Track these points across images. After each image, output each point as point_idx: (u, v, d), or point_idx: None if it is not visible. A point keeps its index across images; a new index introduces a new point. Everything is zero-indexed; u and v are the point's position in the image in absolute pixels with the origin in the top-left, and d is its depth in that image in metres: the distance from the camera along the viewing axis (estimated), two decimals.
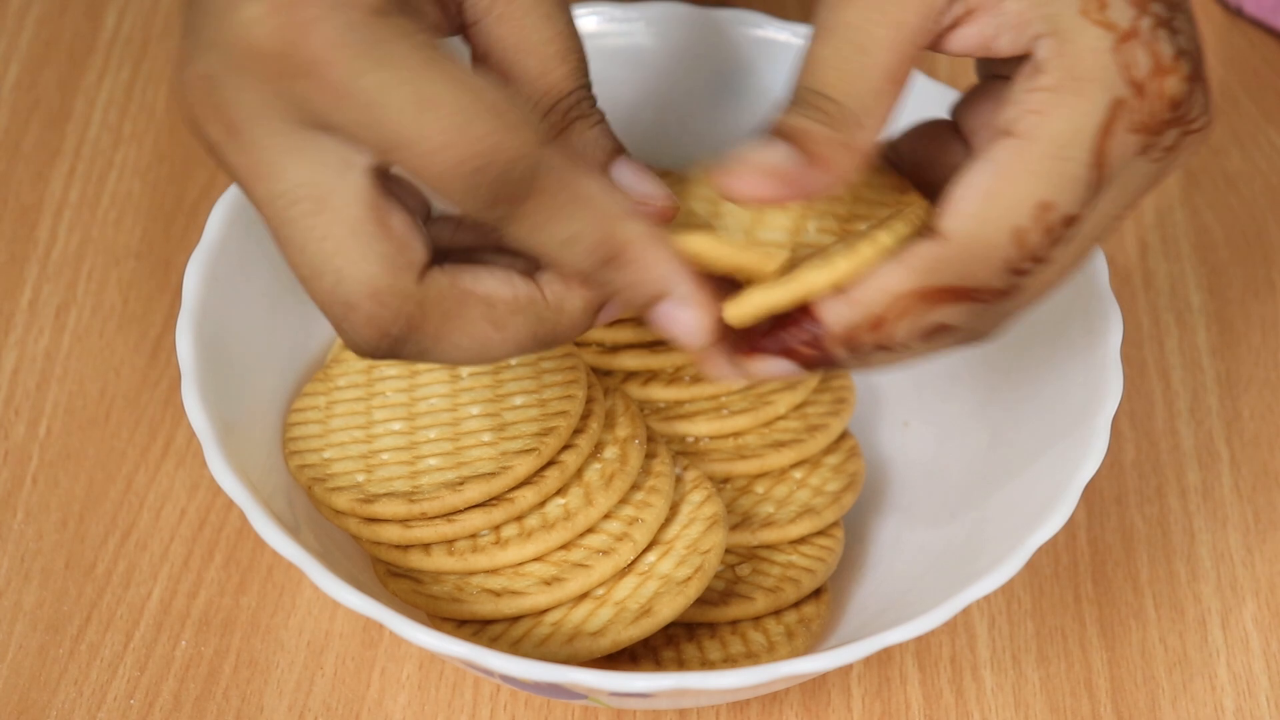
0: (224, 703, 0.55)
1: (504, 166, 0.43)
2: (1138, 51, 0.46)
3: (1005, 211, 0.45)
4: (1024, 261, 0.46)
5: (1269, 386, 0.64)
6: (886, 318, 0.46)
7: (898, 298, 0.46)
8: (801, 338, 0.47)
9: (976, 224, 0.46)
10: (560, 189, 0.44)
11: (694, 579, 0.53)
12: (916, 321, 0.46)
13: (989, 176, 0.46)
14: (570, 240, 0.45)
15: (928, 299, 0.46)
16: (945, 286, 0.46)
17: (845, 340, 0.47)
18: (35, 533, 0.59)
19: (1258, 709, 0.56)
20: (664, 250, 0.46)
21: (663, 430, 0.57)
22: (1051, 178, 0.45)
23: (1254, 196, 0.69)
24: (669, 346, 0.58)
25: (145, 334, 0.64)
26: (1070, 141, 0.45)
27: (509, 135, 0.43)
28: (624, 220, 0.45)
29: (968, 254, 0.46)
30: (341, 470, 0.54)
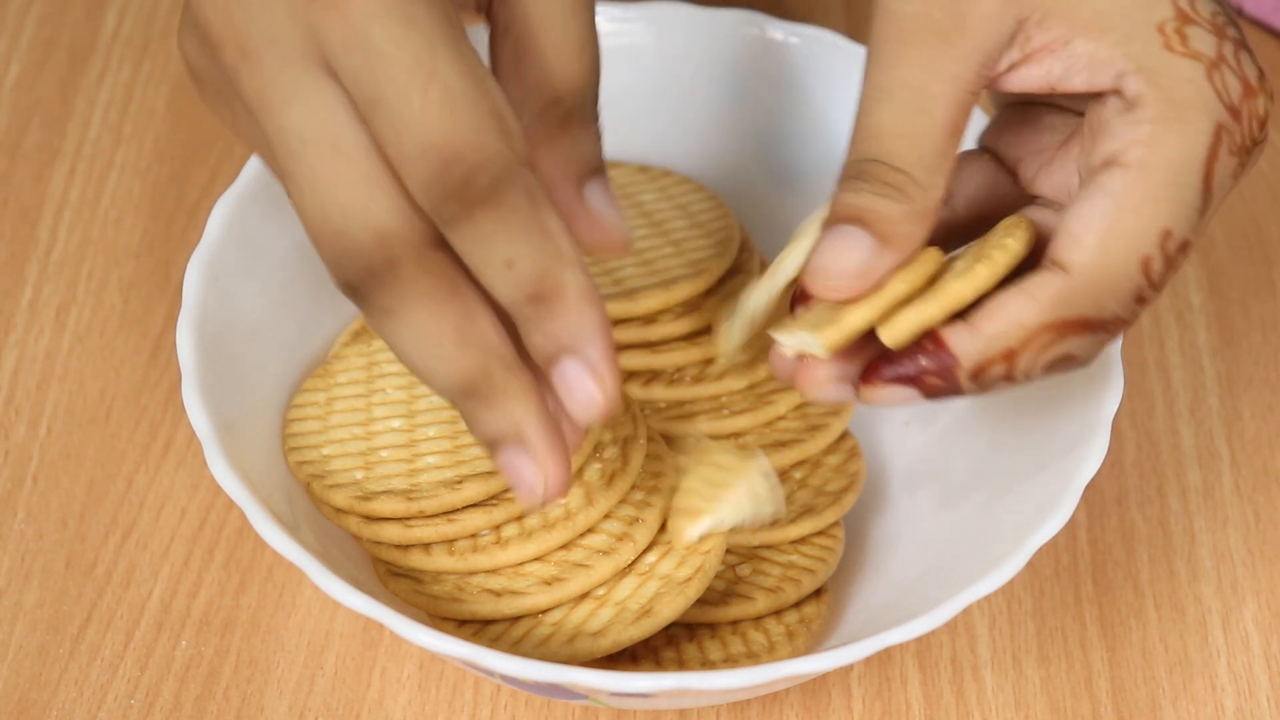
0: (224, 703, 0.55)
1: (478, 165, 0.43)
2: (1228, 76, 0.46)
3: (1132, 242, 0.46)
4: (1149, 290, 0.46)
5: (1269, 386, 0.64)
6: (1017, 350, 0.46)
7: (1028, 330, 0.46)
8: (930, 368, 0.47)
9: (1104, 256, 0.46)
10: (522, 210, 0.43)
11: (694, 579, 0.53)
12: (1045, 353, 0.47)
13: (1108, 208, 0.46)
14: (511, 263, 0.44)
15: (1058, 331, 0.46)
16: (1076, 319, 0.46)
17: (974, 372, 0.47)
18: (35, 532, 0.59)
19: (1258, 709, 0.56)
20: (595, 311, 0.44)
21: (664, 430, 0.57)
22: (1171, 205, 0.46)
23: (1254, 196, 0.69)
24: (669, 347, 0.58)
25: (145, 334, 0.64)
26: (1183, 168, 0.46)
27: (495, 139, 0.43)
28: (571, 266, 0.44)
29: (1097, 286, 0.46)
30: (340, 467, 0.54)
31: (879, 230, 0.46)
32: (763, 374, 0.58)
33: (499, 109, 0.43)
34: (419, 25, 0.43)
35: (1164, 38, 0.46)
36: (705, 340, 0.58)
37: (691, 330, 0.58)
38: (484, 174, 0.43)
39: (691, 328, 0.58)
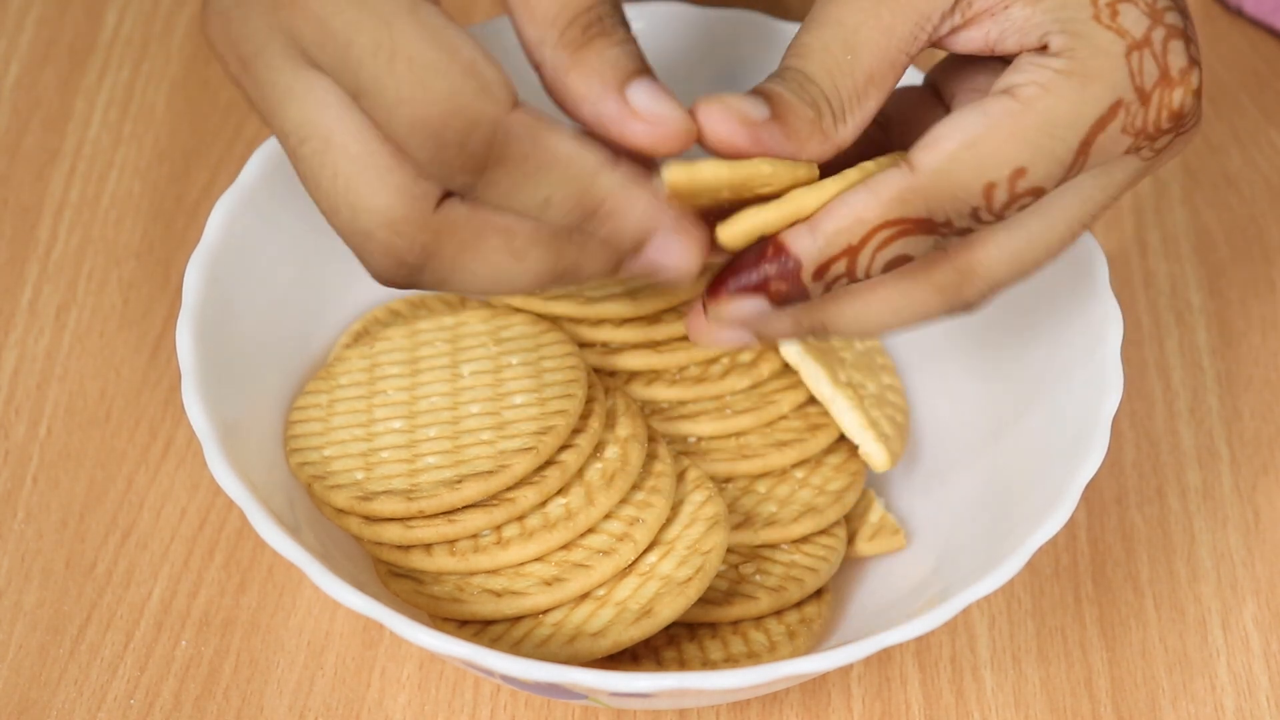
0: (224, 703, 0.55)
1: (466, 129, 0.43)
2: (1147, 61, 0.47)
3: (982, 163, 0.46)
4: (987, 212, 0.47)
5: (1269, 386, 0.64)
6: (856, 247, 0.47)
7: (869, 225, 0.47)
8: (772, 272, 0.47)
9: (951, 164, 0.46)
10: (528, 154, 0.44)
11: (695, 580, 0.53)
12: (883, 251, 0.47)
13: (977, 127, 0.47)
14: (546, 203, 0.45)
15: (896, 228, 0.47)
16: (913, 218, 0.47)
17: (817, 271, 0.47)
18: (35, 533, 0.59)
19: (1258, 709, 0.56)
20: (643, 193, 0.46)
21: (665, 430, 0.57)
22: (1034, 148, 0.46)
23: (1254, 196, 0.69)
24: (672, 346, 0.58)
25: (145, 334, 0.64)
26: (1064, 123, 0.47)
27: (474, 98, 0.43)
28: (598, 174, 0.45)
29: (937, 189, 0.47)
30: (341, 468, 0.54)
31: (780, 113, 0.47)
32: (766, 373, 0.58)
33: (471, 63, 0.43)
34: (372, 5, 0.43)
35: (1095, 8, 0.47)
36: (689, 346, 0.58)
37: None
38: (477, 136, 0.43)
39: None
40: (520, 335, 0.57)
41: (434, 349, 0.57)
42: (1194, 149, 0.71)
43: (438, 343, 0.58)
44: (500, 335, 0.58)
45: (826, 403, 0.57)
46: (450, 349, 0.57)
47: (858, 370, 0.59)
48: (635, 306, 0.58)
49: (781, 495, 0.57)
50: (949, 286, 0.49)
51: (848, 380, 0.58)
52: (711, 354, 0.58)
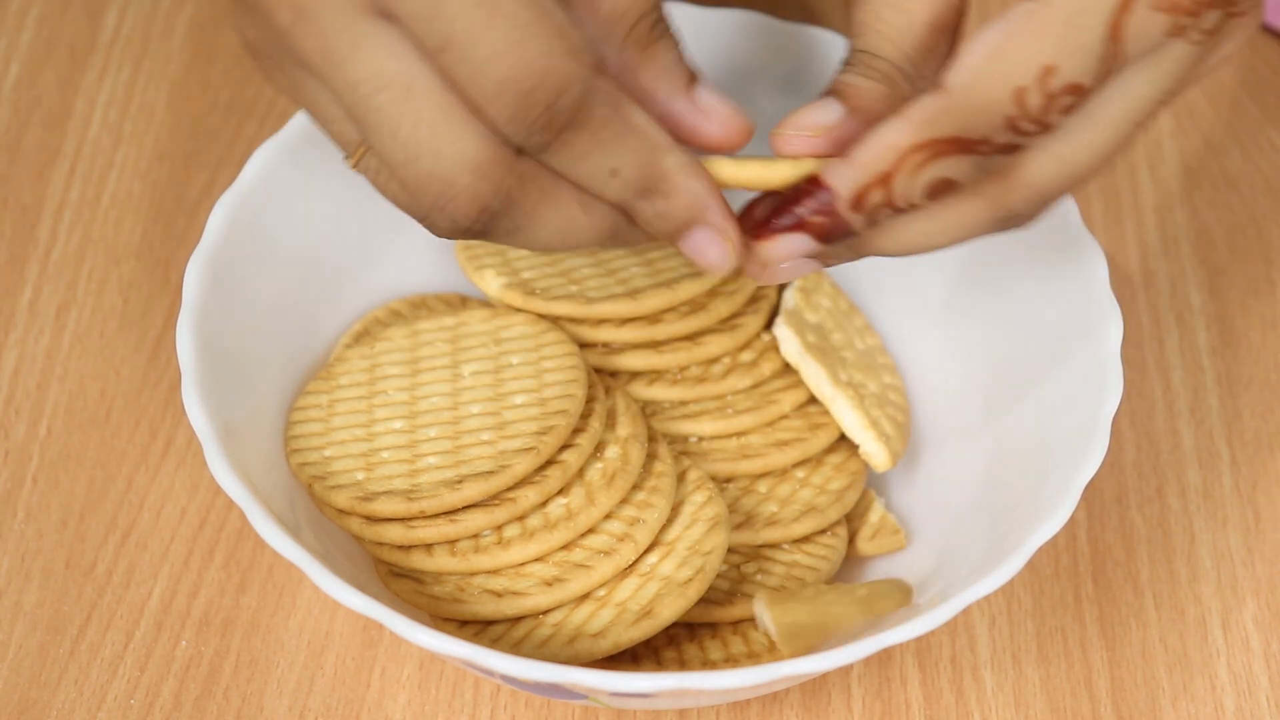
0: (224, 703, 0.55)
1: (557, 90, 0.44)
2: None
3: (1008, 69, 0.46)
4: (1025, 121, 0.46)
5: (1269, 386, 0.64)
6: (891, 173, 0.47)
7: (900, 151, 0.46)
8: (811, 206, 0.48)
9: (976, 77, 0.46)
10: (610, 121, 0.45)
11: (695, 580, 0.52)
12: (919, 174, 0.47)
13: (999, 35, 0.46)
14: (615, 171, 0.46)
15: (930, 150, 0.46)
16: (945, 138, 0.46)
17: (854, 201, 0.47)
18: (35, 533, 0.59)
19: (1258, 709, 0.56)
20: (702, 180, 0.47)
21: (666, 430, 0.57)
22: (1059, 43, 0.45)
23: (1254, 196, 0.69)
24: (673, 346, 0.58)
25: (145, 334, 0.64)
26: (1085, 11, 0.45)
27: (567, 59, 0.43)
28: (667, 152, 0.47)
29: (966, 106, 0.46)
30: (342, 469, 0.54)
31: (850, 100, 0.48)
32: (767, 372, 0.58)
33: (563, 28, 0.44)
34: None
35: None
36: (708, 339, 0.58)
37: (696, 330, 0.58)
38: (565, 97, 0.44)
39: (696, 327, 0.58)
40: (521, 335, 0.57)
41: (434, 349, 0.57)
42: (1194, 149, 0.71)
43: (438, 343, 0.58)
44: (500, 335, 0.58)
45: (827, 402, 0.57)
46: (451, 349, 0.57)
47: (859, 370, 0.59)
48: (636, 306, 0.58)
49: (782, 495, 0.57)
50: (995, 195, 0.48)
51: (849, 380, 0.58)
52: (713, 353, 0.58)
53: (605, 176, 0.46)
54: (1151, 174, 0.70)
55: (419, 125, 0.44)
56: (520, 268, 0.59)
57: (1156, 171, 0.70)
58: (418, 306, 0.61)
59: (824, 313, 0.60)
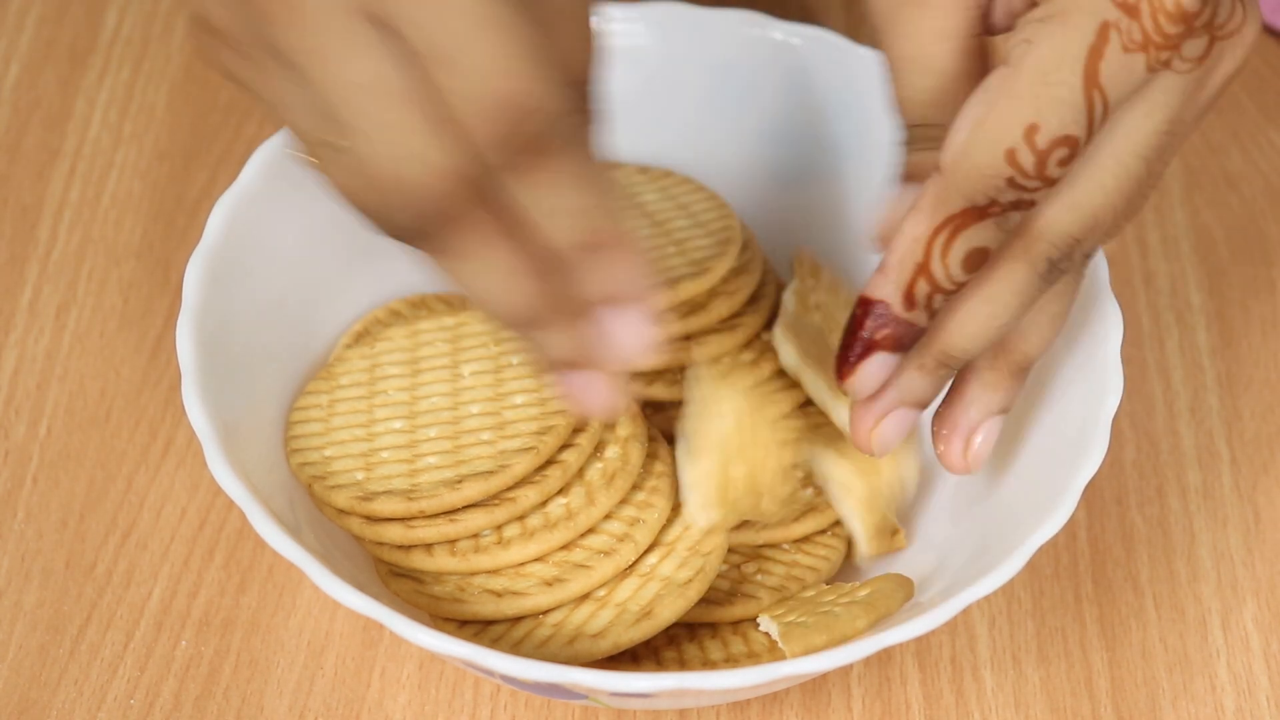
0: (224, 703, 0.55)
1: (533, 115, 0.43)
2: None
3: (994, 135, 0.47)
4: (1024, 179, 0.47)
5: (1269, 386, 0.64)
6: (926, 261, 0.48)
7: (924, 239, 0.48)
8: (871, 326, 0.49)
9: (967, 149, 0.47)
10: (580, 160, 0.45)
11: (695, 581, 0.52)
12: (950, 253, 0.48)
13: (979, 107, 0.47)
14: (576, 211, 0.45)
15: (949, 227, 0.48)
16: (958, 212, 0.47)
17: (906, 300, 0.48)
18: (35, 533, 0.59)
19: (1258, 709, 0.56)
20: (643, 261, 0.47)
21: (667, 430, 0.57)
22: (1037, 102, 0.46)
23: (1254, 196, 0.69)
24: (674, 346, 0.58)
25: (145, 334, 0.64)
26: (1056, 65, 0.46)
27: (551, 87, 0.43)
28: (623, 217, 0.46)
29: (965, 178, 0.47)
30: (341, 469, 0.54)
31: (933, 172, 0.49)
32: (768, 372, 0.58)
33: (553, 56, 0.43)
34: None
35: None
36: (708, 340, 0.58)
37: (698, 329, 0.58)
38: (541, 122, 0.43)
39: (697, 327, 0.58)
40: None
41: (435, 349, 0.57)
42: (1194, 149, 0.71)
43: (438, 343, 0.58)
44: (501, 335, 0.57)
45: (828, 410, 0.57)
46: (451, 349, 0.57)
47: None
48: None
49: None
50: (1025, 251, 0.49)
51: None
52: (713, 353, 0.58)
53: (559, 214, 0.45)
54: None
55: (402, 128, 0.44)
56: None
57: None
58: (417, 306, 0.61)
59: (824, 312, 0.60)
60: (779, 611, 0.53)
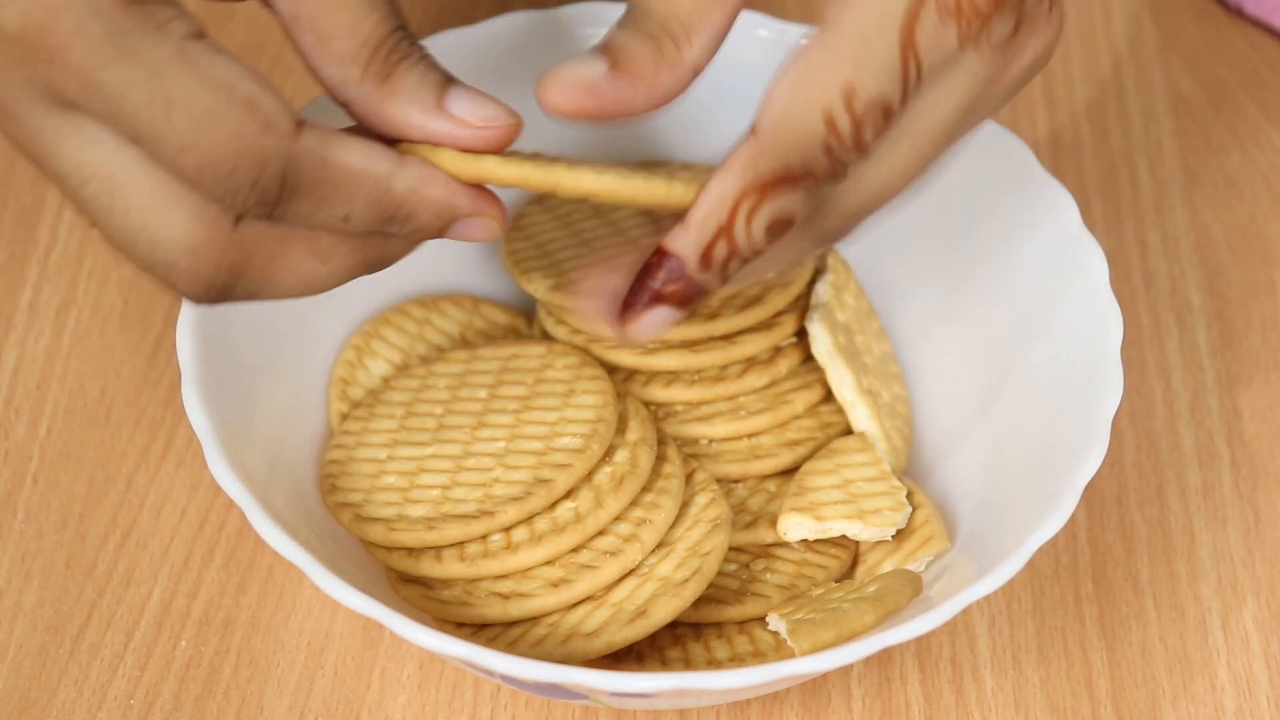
0: (224, 703, 0.55)
1: (257, 167, 0.43)
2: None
3: (812, 96, 0.46)
4: (842, 147, 0.46)
5: (1269, 386, 0.64)
6: (729, 224, 0.47)
7: (730, 200, 0.46)
8: (663, 278, 0.47)
9: (785, 110, 0.46)
10: (321, 178, 0.44)
11: (692, 581, 0.52)
12: (756, 219, 0.47)
13: (798, 67, 0.46)
14: (348, 218, 0.45)
15: (757, 193, 0.46)
16: (770, 178, 0.46)
17: (702, 261, 0.47)
18: (35, 532, 0.59)
19: (1258, 709, 0.56)
20: (438, 183, 0.46)
21: (679, 433, 0.57)
22: (855, 62, 0.46)
23: (1254, 196, 0.69)
24: (708, 346, 0.58)
25: (146, 334, 0.64)
26: (873, 28, 0.46)
27: (259, 135, 0.43)
28: (391, 180, 0.46)
29: (780, 141, 0.46)
30: (379, 500, 0.54)
31: (622, 64, 0.47)
32: (784, 370, 0.58)
33: (249, 99, 0.43)
34: (139, 55, 0.42)
35: None
36: (743, 339, 0.58)
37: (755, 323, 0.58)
38: (267, 172, 0.43)
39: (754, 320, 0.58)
40: (562, 368, 0.57)
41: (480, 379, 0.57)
42: (1194, 149, 0.71)
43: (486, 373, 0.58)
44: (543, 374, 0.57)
45: (848, 407, 0.57)
46: (494, 380, 0.57)
47: (875, 377, 0.59)
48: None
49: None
50: (810, 222, 0.48)
51: (868, 387, 0.58)
52: (748, 352, 0.58)
53: (340, 223, 0.45)
54: (1151, 174, 0.70)
55: (129, 213, 0.44)
56: (567, 269, 0.59)
57: (1156, 171, 0.70)
58: (429, 308, 0.61)
59: (850, 312, 0.60)
60: (788, 610, 0.53)
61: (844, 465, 0.56)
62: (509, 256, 0.60)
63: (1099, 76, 0.73)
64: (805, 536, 0.55)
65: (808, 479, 0.56)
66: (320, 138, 0.44)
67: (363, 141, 0.45)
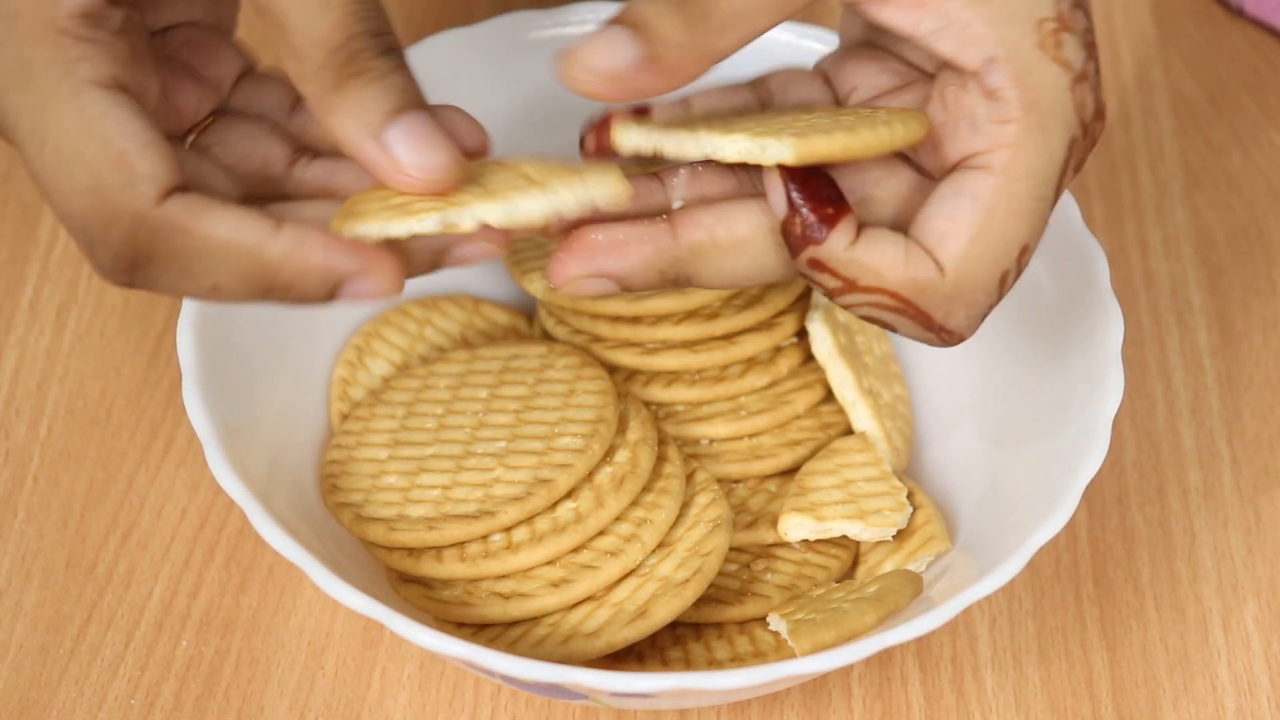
0: (224, 703, 0.55)
1: (105, 226, 0.43)
2: (1087, 94, 0.46)
3: (997, 255, 0.46)
4: (995, 305, 0.47)
5: (1269, 386, 0.64)
6: (861, 289, 0.46)
7: (880, 284, 0.46)
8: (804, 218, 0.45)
9: (970, 265, 0.46)
10: (180, 247, 0.43)
11: (692, 581, 0.52)
12: (874, 310, 0.46)
13: (976, 214, 0.45)
14: (216, 288, 0.44)
15: (901, 306, 0.46)
16: (923, 311, 0.46)
17: (838, 290, 0.46)
18: (36, 532, 0.59)
19: (1259, 709, 0.56)
20: (314, 248, 0.44)
21: (679, 433, 0.57)
22: (1031, 218, 0.45)
23: (1254, 196, 0.69)
24: (708, 346, 0.58)
25: (146, 334, 0.64)
26: (1043, 180, 0.45)
27: (116, 193, 0.42)
28: (263, 249, 0.43)
29: (958, 293, 0.46)
30: (380, 500, 0.54)
31: (651, 47, 0.44)
32: (784, 370, 0.58)
33: (120, 155, 0.42)
34: (34, 87, 0.42)
35: (1040, 36, 0.45)
36: (744, 339, 0.58)
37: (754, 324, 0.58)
38: (117, 232, 0.43)
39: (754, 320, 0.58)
40: (563, 368, 0.57)
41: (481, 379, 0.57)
42: (1194, 149, 0.71)
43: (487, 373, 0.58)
44: (544, 374, 0.57)
45: (848, 407, 0.57)
46: (494, 381, 0.57)
47: (876, 377, 0.59)
48: (684, 300, 0.57)
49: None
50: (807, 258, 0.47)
51: (869, 387, 0.58)
52: (748, 352, 0.58)
53: (208, 293, 0.44)
54: (1152, 174, 0.70)
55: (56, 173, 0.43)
56: None
57: (1156, 171, 0.70)
58: (429, 308, 0.61)
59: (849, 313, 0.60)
60: (789, 610, 0.53)
61: (845, 465, 0.56)
62: (510, 256, 0.60)
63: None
64: (806, 537, 0.55)
65: (808, 479, 0.56)
66: (187, 206, 0.43)
67: (236, 211, 0.43)
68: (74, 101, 0.42)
